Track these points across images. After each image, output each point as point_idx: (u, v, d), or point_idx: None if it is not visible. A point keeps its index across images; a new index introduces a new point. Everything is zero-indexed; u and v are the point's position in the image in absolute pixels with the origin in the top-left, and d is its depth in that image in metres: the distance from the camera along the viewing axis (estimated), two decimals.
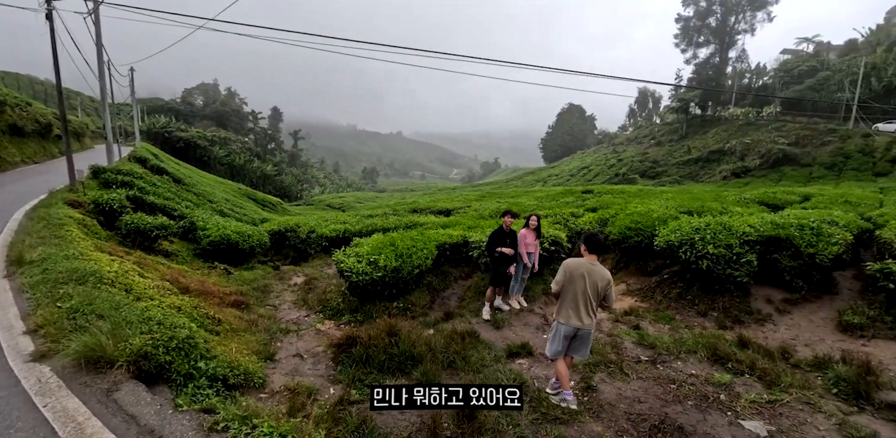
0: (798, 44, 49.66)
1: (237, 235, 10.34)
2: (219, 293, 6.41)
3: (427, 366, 4.15)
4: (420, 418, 3.50)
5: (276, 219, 19.93)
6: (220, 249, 9.96)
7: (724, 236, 7.13)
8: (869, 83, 35.54)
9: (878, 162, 32.22)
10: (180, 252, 9.77)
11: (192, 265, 9.05)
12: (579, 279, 3.92)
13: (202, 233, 10.27)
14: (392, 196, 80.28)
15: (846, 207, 13.27)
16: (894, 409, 4.17)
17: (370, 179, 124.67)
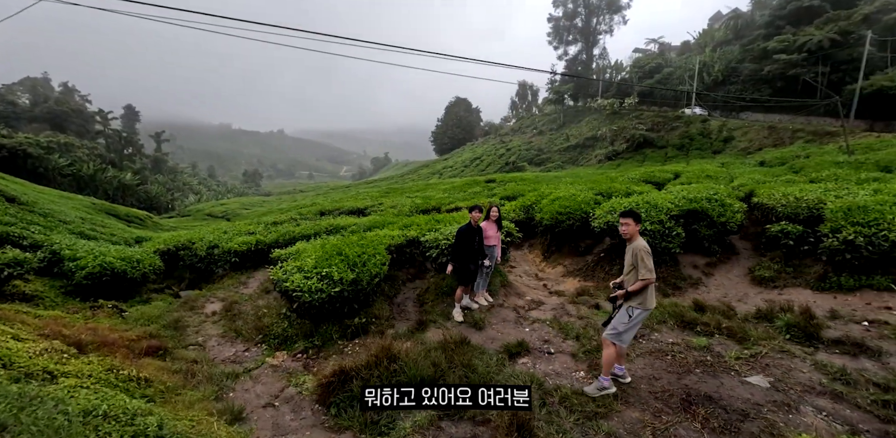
0: (647, 44, 57.89)
1: (123, 262, 8.31)
2: (122, 341, 4.93)
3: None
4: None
5: (157, 236, 16.85)
6: (103, 282, 7.89)
7: (655, 213, 7.68)
8: (702, 77, 42.63)
9: (713, 142, 38.73)
10: (44, 293, 7.48)
11: (67, 308, 6.99)
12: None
13: (73, 265, 7.99)
14: (281, 199, 74.66)
15: (709, 181, 15.52)
16: (840, 343, 4.84)
17: (253, 182, 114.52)
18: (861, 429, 3.45)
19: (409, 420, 3.37)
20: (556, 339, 5.22)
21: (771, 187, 10.69)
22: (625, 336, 3.96)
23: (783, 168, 18.75)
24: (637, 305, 3.90)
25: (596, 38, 57.40)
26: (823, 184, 10.18)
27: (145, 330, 5.82)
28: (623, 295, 3.92)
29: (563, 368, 4.54)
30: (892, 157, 15.77)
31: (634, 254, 3.88)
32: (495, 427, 3.25)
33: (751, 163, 27.59)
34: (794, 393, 3.96)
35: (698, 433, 3.45)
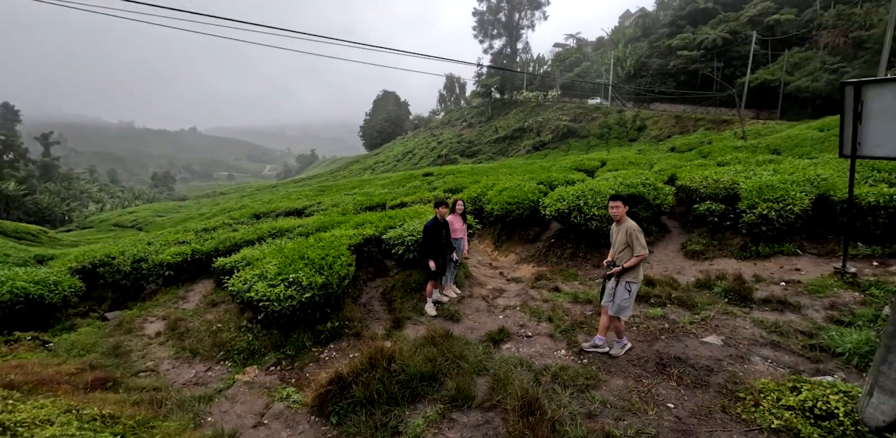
0: (566, 39, 61.02)
1: (37, 286, 7.20)
2: (61, 376, 4.30)
3: (454, 381, 3.69)
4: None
5: (64, 252, 14.85)
6: (16, 311, 6.80)
7: (600, 199, 8.20)
8: (617, 71, 45.87)
9: (629, 131, 41.93)
10: None
11: None
12: None
13: None
14: (200, 203, 69.17)
15: (633, 167, 16.87)
16: (768, 302, 5.64)
17: (165, 186, 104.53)
18: (799, 370, 4.07)
19: (419, 416, 3.35)
20: (530, 323, 5.44)
21: (688, 171, 11.81)
22: (627, 310, 4.37)
23: (692, 153, 20.79)
24: (633, 279, 4.30)
25: (519, 32, 59.48)
26: (732, 167, 11.46)
27: (83, 361, 5.13)
28: (619, 271, 4.26)
29: (545, 349, 4.76)
30: (779, 142, 18.13)
31: (629, 234, 4.23)
32: (505, 410, 3.36)
33: (663, 149, 30.29)
34: (743, 347, 4.56)
35: (675, 390, 3.85)
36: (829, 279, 6.24)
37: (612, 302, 4.38)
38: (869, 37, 27.48)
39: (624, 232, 4.30)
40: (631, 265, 4.24)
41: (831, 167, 10.35)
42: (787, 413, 3.27)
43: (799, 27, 35.54)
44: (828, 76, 30.47)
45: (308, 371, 4.69)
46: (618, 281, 4.34)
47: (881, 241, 7.13)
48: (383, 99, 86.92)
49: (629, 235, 4.25)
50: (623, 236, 4.31)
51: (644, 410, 3.55)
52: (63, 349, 5.87)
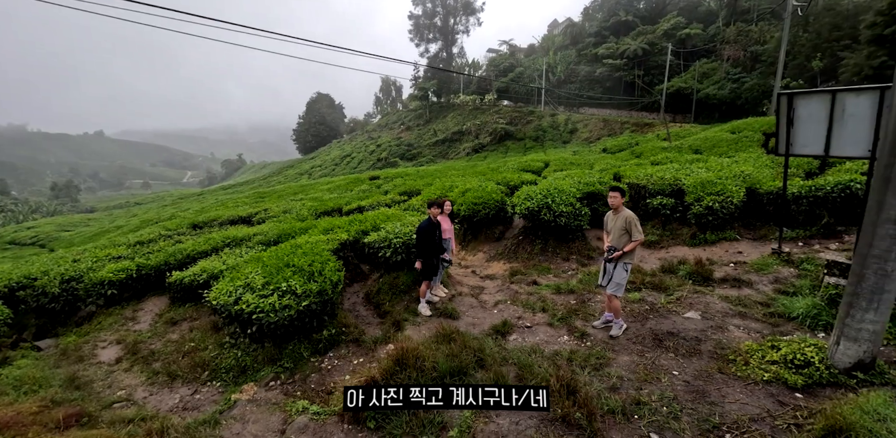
0: (500, 45, 62.97)
1: None
2: (24, 417, 3.74)
3: (491, 372, 3.82)
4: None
5: None
6: None
7: (566, 197, 8.66)
8: (548, 77, 48.28)
9: (562, 133, 44.28)
10: None
11: None
12: None
13: None
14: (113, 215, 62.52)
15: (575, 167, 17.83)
16: (725, 281, 6.41)
17: (68, 197, 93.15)
18: (765, 334, 4.73)
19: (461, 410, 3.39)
20: (526, 315, 5.66)
21: (630, 169, 12.80)
22: (622, 288, 4.88)
23: (625, 153, 22.46)
24: (629, 261, 4.85)
25: (454, 37, 60.68)
26: (667, 166, 12.57)
27: (40, 397, 4.49)
28: (620, 255, 4.75)
29: (548, 337, 5.02)
30: (698, 143, 20.13)
31: (628, 221, 4.74)
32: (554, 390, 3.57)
33: (596, 150, 32.37)
34: (718, 319, 5.18)
35: (674, 360, 4.33)
36: (768, 258, 7.14)
37: (612, 281, 4.83)
38: (764, 51, 31.41)
39: (623, 220, 4.79)
40: (630, 249, 4.75)
41: (750, 164, 11.74)
42: (773, 367, 3.87)
43: (706, 41, 39.71)
44: (731, 85, 34.37)
45: (312, 383, 4.49)
46: (616, 263, 4.80)
47: (802, 225, 8.27)
48: (317, 101, 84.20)
49: (628, 223, 4.76)
50: (622, 223, 4.79)
51: (657, 378, 3.96)
52: (8, 386, 5.08)
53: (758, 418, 3.30)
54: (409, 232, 6.39)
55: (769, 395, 3.59)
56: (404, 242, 6.25)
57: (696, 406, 3.51)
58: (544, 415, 3.37)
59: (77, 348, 6.78)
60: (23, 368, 5.92)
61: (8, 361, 6.50)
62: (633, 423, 3.32)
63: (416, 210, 10.39)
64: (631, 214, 4.83)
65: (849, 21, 25.68)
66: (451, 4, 60.66)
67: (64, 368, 5.92)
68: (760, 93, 32.19)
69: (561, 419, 3.30)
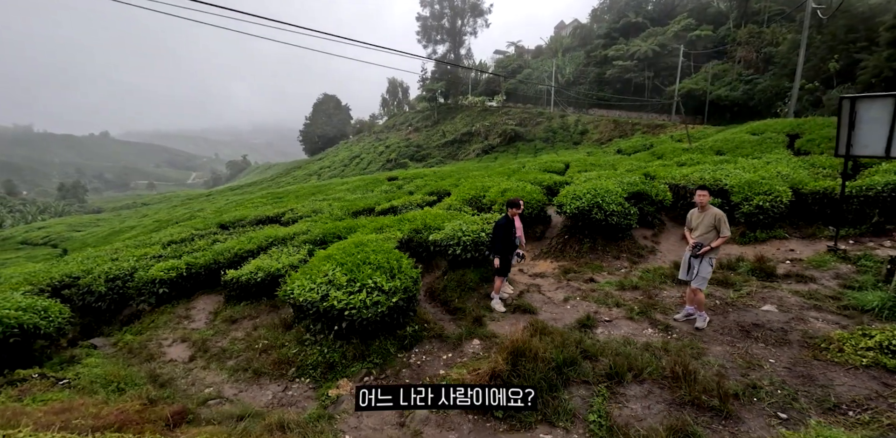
0: (508, 46, 63.27)
1: (28, 314, 6.18)
2: (129, 415, 3.79)
3: (592, 364, 4.00)
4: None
5: (7, 272, 12.78)
6: (9, 346, 5.80)
7: (614, 197, 8.70)
8: (557, 78, 48.42)
9: (573, 134, 44.34)
10: None
11: None
12: None
13: None
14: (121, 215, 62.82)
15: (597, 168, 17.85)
16: (788, 277, 6.51)
17: (75, 198, 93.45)
18: (844, 324, 4.89)
19: (590, 397, 3.57)
20: (601, 310, 5.74)
21: (661, 170, 12.86)
22: (706, 282, 5.06)
23: (645, 154, 22.46)
24: (714, 256, 5.06)
25: (462, 38, 60.88)
26: (700, 166, 12.59)
27: (135, 395, 4.52)
28: (708, 250, 4.94)
29: (633, 330, 5.12)
30: (719, 144, 20.16)
31: (717, 218, 4.95)
32: (655, 381, 3.83)
33: (610, 151, 32.42)
34: (796, 311, 5.29)
35: (766, 349, 4.48)
36: (825, 255, 7.22)
37: (697, 276, 5.00)
38: (777, 53, 31.45)
39: (712, 217, 4.97)
40: (718, 245, 4.94)
41: (783, 165, 11.78)
42: (869, 353, 4.04)
43: (716, 42, 39.78)
44: (743, 86, 34.41)
45: (405, 378, 4.53)
46: (701, 258, 4.98)
47: (852, 224, 8.32)
48: (324, 102, 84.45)
49: (717, 220, 4.95)
50: (710, 220, 4.98)
51: (759, 365, 4.12)
52: (90, 384, 5.12)
53: (871, 397, 3.47)
54: (476, 230, 6.45)
55: (873, 378, 3.76)
56: (473, 240, 6.30)
57: (808, 389, 3.67)
58: (672, 399, 3.51)
59: (142, 346, 6.83)
60: (97, 366, 5.96)
61: (75, 359, 6.53)
62: (757, 404, 3.49)
63: (459, 210, 10.44)
64: (719, 212, 5.02)
65: (864, 23, 25.72)
66: (458, 6, 60.88)
67: (137, 366, 5.96)
68: (773, 95, 32.21)
69: (689, 402, 3.46)
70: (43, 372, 5.65)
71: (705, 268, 5.01)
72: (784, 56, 30.60)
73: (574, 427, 3.31)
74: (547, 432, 3.25)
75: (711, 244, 4.97)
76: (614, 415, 3.38)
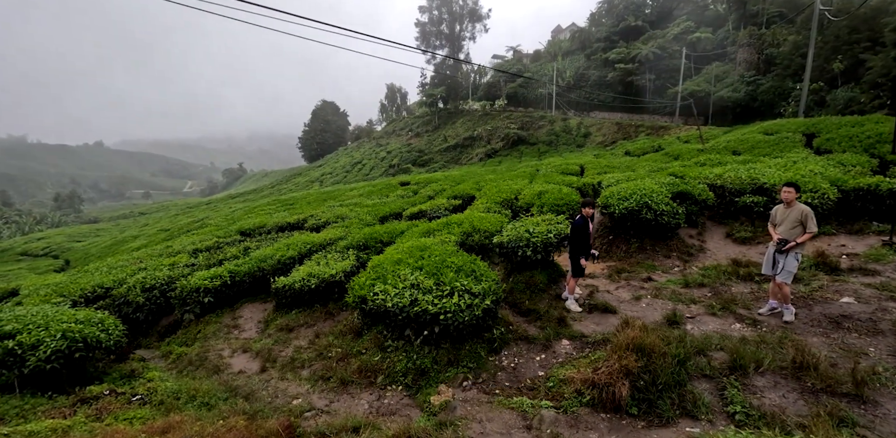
0: (507, 51, 63.64)
1: (91, 327, 6.02)
2: (240, 432, 3.67)
3: (704, 359, 4.04)
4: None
5: (30, 285, 12.53)
6: (73, 361, 5.60)
7: (661, 197, 8.70)
8: (558, 81, 48.75)
9: (576, 137, 44.53)
10: None
11: (46, 411, 4.82)
12: None
13: (14, 344, 5.44)
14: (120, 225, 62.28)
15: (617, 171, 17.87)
16: (853, 270, 6.55)
17: (71, 208, 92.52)
18: None
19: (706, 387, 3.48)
20: (679, 307, 5.71)
21: (689, 170, 12.87)
22: (792, 277, 5.10)
23: (658, 155, 22.55)
24: (800, 251, 5.11)
25: (461, 43, 61.29)
26: (731, 166, 12.62)
27: (229, 409, 4.39)
28: (794, 246, 5.00)
29: (720, 325, 5.12)
30: (734, 144, 20.29)
31: (804, 214, 4.98)
32: (775, 372, 3.86)
33: (618, 153, 32.55)
34: (875, 303, 5.31)
35: (861, 339, 4.52)
36: (881, 249, 7.28)
37: (783, 270, 5.06)
38: (778, 54, 31.84)
39: (799, 213, 5.00)
40: (804, 240, 4.96)
41: (813, 163, 11.85)
42: None
43: (715, 44, 40.25)
44: (746, 87, 34.77)
45: (504, 381, 4.44)
46: (787, 254, 5.01)
47: None
48: (322, 109, 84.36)
49: (804, 216, 4.97)
50: (796, 215, 5.01)
51: (864, 353, 4.16)
52: (169, 399, 4.97)
53: None
54: (543, 232, 6.39)
55: None
56: (542, 241, 6.24)
57: None
58: (801, 387, 3.56)
59: (201, 358, 6.68)
60: (166, 380, 5.81)
61: (135, 373, 6.36)
62: (881, 389, 3.53)
63: (498, 212, 10.40)
64: (807, 208, 5.04)
65: (867, 24, 26.12)
66: (457, 11, 61.30)
67: (207, 379, 5.82)
68: (776, 96, 32.56)
69: (822, 390, 3.51)
70: (113, 388, 5.49)
71: (791, 263, 5.05)
72: (786, 57, 30.99)
73: (717, 418, 3.27)
74: (691, 425, 3.22)
75: (797, 240, 5.00)
76: (756, 405, 3.39)
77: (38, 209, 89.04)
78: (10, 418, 4.88)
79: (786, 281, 5.05)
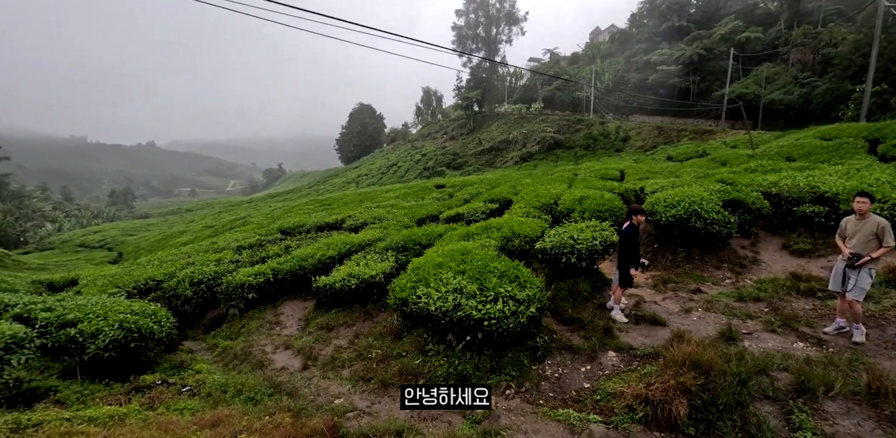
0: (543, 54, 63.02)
1: (145, 318, 6.33)
2: (286, 429, 3.74)
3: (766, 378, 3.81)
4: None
5: (88, 276, 13.41)
6: (129, 350, 5.90)
7: (712, 205, 8.30)
8: (596, 84, 47.77)
9: (614, 142, 43.41)
10: (45, 382, 5.43)
11: (104, 398, 5.10)
12: None
13: (75, 331, 5.79)
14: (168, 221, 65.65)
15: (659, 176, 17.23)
16: None
17: (124, 204, 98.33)
18: None
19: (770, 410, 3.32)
20: (734, 321, 5.42)
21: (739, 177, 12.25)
22: (864, 294, 4.75)
23: (703, 161, 21.60)
24: (874, 266, 4.78)
25: (497, 46, 61.15)
26: (786, 173, 11.92)
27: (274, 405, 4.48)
28: (868, 260, 4.65)
29: (781, 343, 4.81)
30: (787, 150, 19.20)
31: (880, 227, 4.65)
32: (848, 397, 3.64)
33: (659, 158, 31.45)
34: None
35: None
36: None
37: (855, 287, 4.71)
38: (836, 54, 29.96)
39: (874, 225, 4.67)
40: (880, 255, 4.66)
41: (879, 171, 11.01)
42: None
43: (766, 44, 38.33)
44: (799, 89, 32.91)
45: (548, 391, 4.34)
46: (859, 269, 4.68)
47: None
48: (359, 111, 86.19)
49: (880, 228, 4.63)
50: (871, 228, 4.67)
51: None
52: (217, 392, 5.15)
53: None
54: (588, 238, 6.22)
55: None
56: (587, 248, 6.08)
57: None
58: (881, 415, 3.31)
59: (245, 352, 6.90)
60: (213, 373, 6.03)
61: (184, 365, 6.63)
62: None
63: (537, 217, 10.25)
64: (883, 220, 4.70)
65: None
66: (494, 14, 61.23)
67: (250, 373, 5.99)
68: (833, 98, 30.62)
69: None
70: (164, 378, 5.74)
71: (864, 279, 4.71)
72: (845, 57, 29.11)
73: None
74: None
75: (872, 254, 4.65)
76: (829, 433, 3.17)
77: (95, 204, 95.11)
78: (72, 402, 5.18)
79: (857, 299, 4.70)
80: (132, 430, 4.04)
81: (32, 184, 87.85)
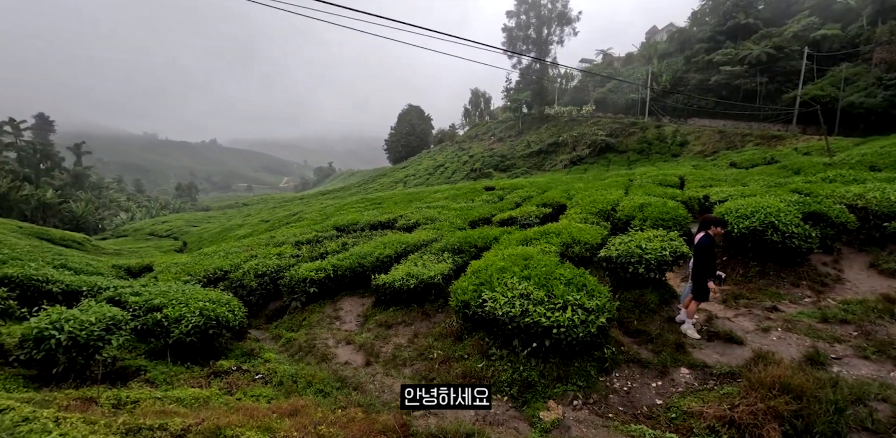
0: (597, 55, 61.38)
1: (221, 307, 6.78)
2: (360, 425, 3.90)
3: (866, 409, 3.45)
4: None
5: (161, 264, 14.55)
6: (208, 336, 6.35)
7: (790, 217, 7.78)
8: (652, 86, 45.94)
9: (671, 146, 41.56)
10: (135, 362, 5.96)
11: (187, 380, 5.54)
12: None
13: (160, 316, 6.31)
14: (227, 214, 69.56)
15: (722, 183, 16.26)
16: None
17: (188, 197, 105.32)
18: None
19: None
20: (819, 344, 5.06)
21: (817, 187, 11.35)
22: None
23: (771, 168, 20.23)
24: None
25: (548, 48, 60.08)
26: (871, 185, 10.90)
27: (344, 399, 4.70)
28: None
29: (876, 371, 4.43)
30: (871, 158, 17.64)
31: None
32: None
33: (721, 164, 29.80)
34: None
35: None
36: None
37: None
38: None
39: None
40: None
41: None
42: None
43: (845, 42, 35.32)
44: (884, 92, 30.08)
45: (616, 404, 4.26)
46: None
47: None
48: (408, 113, 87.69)
49: None
50: None
51: None
52: (288, 382, 5.44)
53: None
54: (657, 248, 6.04)
55: None
56: (656, 258, 5.89)
57: None
58: None
59: (309, 345, 7.21)
60: (282, 363, 6.37)
61: (254, 353, 7.04)
62: None
63: (594, 224, 10.03)
64: None
65: None
66: (545, 15, 60.23)
67: (316, 365, 6.27)
68: None
69: None
70: (239, 365, 6.12)
71: None
72: None
73: None
74: None
75: None
76: None
77: (163, 196, 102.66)
78: (160, 383, 5.62)
79: None
80: (218, 414, 4.34)
81: (109, 177, 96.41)
